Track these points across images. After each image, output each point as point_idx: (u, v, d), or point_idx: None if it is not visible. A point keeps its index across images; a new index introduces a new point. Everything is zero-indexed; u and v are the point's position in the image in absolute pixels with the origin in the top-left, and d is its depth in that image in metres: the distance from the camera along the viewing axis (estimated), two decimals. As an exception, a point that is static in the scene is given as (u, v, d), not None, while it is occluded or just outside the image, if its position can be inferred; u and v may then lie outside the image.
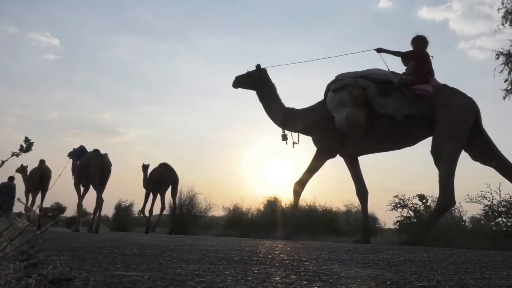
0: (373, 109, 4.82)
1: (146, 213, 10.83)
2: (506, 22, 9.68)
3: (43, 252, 2.29)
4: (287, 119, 5.52)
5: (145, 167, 10.46)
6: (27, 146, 1.15)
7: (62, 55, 44.00)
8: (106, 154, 9.32)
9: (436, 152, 4.69)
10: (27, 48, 42.37)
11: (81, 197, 9.43)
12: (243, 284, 1.34)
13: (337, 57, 5.88)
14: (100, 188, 9.03)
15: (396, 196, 7.41)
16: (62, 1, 44.25)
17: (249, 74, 5.68)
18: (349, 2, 41.64)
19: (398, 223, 7.41)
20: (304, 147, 5.70)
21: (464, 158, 4.89)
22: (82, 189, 9.43)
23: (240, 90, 5.83)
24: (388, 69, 5.20)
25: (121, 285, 1.28)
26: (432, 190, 7.67)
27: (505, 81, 9.71)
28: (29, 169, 11.07)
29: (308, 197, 12.29)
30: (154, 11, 43.92)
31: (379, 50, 5.23)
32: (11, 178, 10.97)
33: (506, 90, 9.73)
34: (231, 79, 5.82)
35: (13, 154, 1.12)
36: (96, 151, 9.22)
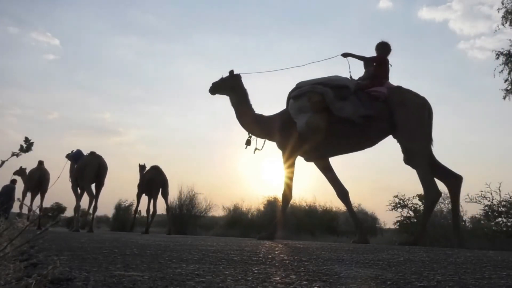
0: (332, 114, 5.07)
1: (144, 213, 10.84)
2: (506, 22, 9.67)
3: (43, 252, 2.29)
4: (255, 125, 5.71)
5: (141, 167, 10.49)
6: (27, 146, 1.15)
7: (62, 55, 44.03)
8: (101, 156, 9.49)
9: (406, 152, 4.95)
10: (27, 48, 42.39)
11: (78, 199, 9.54)
12: (243, 284, 1.34)
13: (318, 62, 6.00)
14: (98, 187, 9.19)
15: (396, 196, 7.43)
16: (63, 1, 44.27)
17: (223, 79, 5.87)
18: (349, 2, 41.66)
19: (398, 223, 7.42)
20: None
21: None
22: (79, 191, 9.57)
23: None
24: (351, 75, 5.45)
25: (121, 285, 1.28)
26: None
27: (505, 81, 9.71)
28: (28, 170, 11.16)
29: (308, 197, 12.31)
30: (154, 11, 43.95)
31: (346, 55, 5.44)
32: (14, 181, 11.10)
33: (506, 90, 9.73)
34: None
35: (13, 154, 1.12)
36: (92, 153, 9.42)
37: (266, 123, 5.71)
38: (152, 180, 10.01)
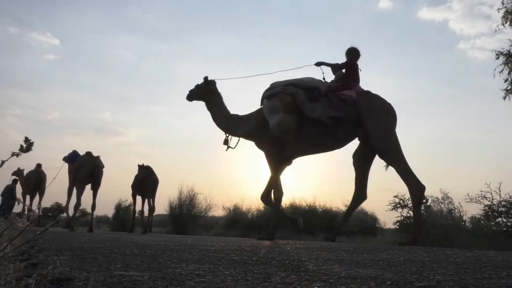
0: (303, 114, 5.24)
1: (146, 212, 10.86)
2: (506, 22, 9.66)
3: (43, 252, 2.29)
4: (231, 125, 5.95)
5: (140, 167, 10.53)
6: (27, 146, 1.15)
7: (62, 55, 43.92)
8: (98, 156, 9.54)
9: (383, 155, 5.19)
10: (27, 48, 42.31)
11: (69, 201, 9.58)
12: (243, 284, 1.34)
13: (290, 70, 6.20)
14: (95, 187, 9.24)
15: (396, 196, 7.42)
16: (63, 1, 44.23)
17: (197, 86, 6.19)
18: (349, 2, 41.61)
19: (398, 223, 7.42)
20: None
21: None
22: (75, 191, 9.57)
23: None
24: (324, 79, 5.63)
25: (121, 285, 1.28)
26: (432, 190, 7.68)
27: (505, 81, 9.70)
28: (27, 171, 11.30)
29: (308, 197, 12.31)
30: (154, 11, 43.89)
31: (319, 64, 5.67)
32: (15, 181, 11.28)
33: (506, 90, 9.72)
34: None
35: (13, 154, 1.12)
36: (88, 153, 9.44)
37: (242, 122, 5.90)
38: (143, 180, 10.12)
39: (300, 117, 5.28)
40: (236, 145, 5.96)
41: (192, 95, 6.23)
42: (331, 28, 41.90)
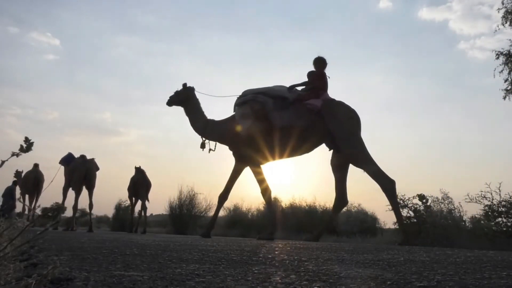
0: (271, 121, 5.62)
1: (141, 213, 10.95)
2: (506, 22, 9.66)
3: (43, 252, 2.29)
4: (207, 129, 6.27)
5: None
6: (27, 146, 1.15)
7: (62, 55, 43.94)
8: (93, 159, 9.88)
9: (351, 159, 5.58)
10: (27, 48, 42.30)
11: (64, 201, 9.99)
12: (243, 284, 1.34)
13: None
14: (89, 190, 9.63)
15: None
16: (63, 1, 44.22)
17: (176, 92, 6.52)
18: (349, 2, 41.61)
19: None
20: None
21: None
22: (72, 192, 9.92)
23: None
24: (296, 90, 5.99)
25: (121, 285, 1.27)
26: (432, 190, 7.69)
27: (505, 81, 9.70)
28: (26, 171, 11.49)
29: (308, 197, 12.30)
30: (155, 11, 43.90)
31: (291, 88, 5.92)
32: (15, 182, 11.57)
33: (506, 90, 9.72)
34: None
35: (13, 154, 1.12)
36: (82, 157, 9.77)
37: (216, 127, 6.24)
38: (136, 183, 10.52)
39: (269, 124, 5.63)
40: (215, 147, 6.29)
41: (172, 101, 6.52)
42: (331, 28, 41.93)
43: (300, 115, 5.61)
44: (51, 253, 2.25)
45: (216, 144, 6.27)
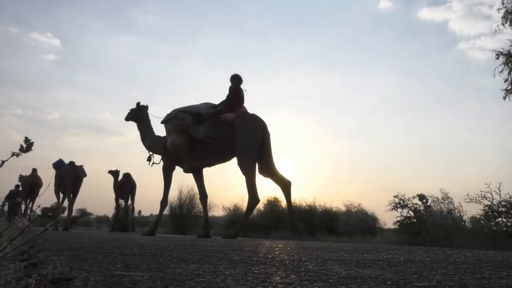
0: (190, 135, 6.51)
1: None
2: (506, 22, 9.65)
3: (43, 252, 2.29)
4: (152, 144, 7.33)
5: (114, 173, 12.06)
6: (27, 146, 1.15)
7: (62, 55, 43.82)
8: (81, 166, 10.84)
9: (240, 165, 6.36)
10: (27, 48, 42.22)
11: (58, 202, 10.77)
12: (243, 284, 1.34)
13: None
14: (74, 194, 10.60)
15: (396, 196, 7.42)
16: (63, 1, 44.17)
17: (132, 110, 7.72)
18: (349, 2, 41.56)
19: (398, 223, 7.41)
20: (307, 150, 5.98)
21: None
22: (61, 196, 11.00)
23: None
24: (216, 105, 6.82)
25: (121, 285, 1.27)
26: (432, 190, 7.68)
27: (505, 81, 9.68)
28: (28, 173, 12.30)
29: (308, 197, 12.30)
30: (155, 12, 43.84)
31: (217, 105, 6.77)
32: (17, 186, 12.71)
33: (506, 90, 9.70)
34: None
35: (13, 154, 1.12)
36: (71, 163, 10.71)
37: (159, 142, 7.19)
38: (122, 186, 11.80)
39: (190, 137, 6.52)
40: (159, 161, 7.17)
41: (128, 117, 7.71)
42: (331, 28, 41.86)
43: (214, 128, 6.46)
44: (51, 253, 2.25)
45: (161, 158, 7.15)
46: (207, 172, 7.14)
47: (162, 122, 6.92)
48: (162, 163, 7.15)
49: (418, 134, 31.46)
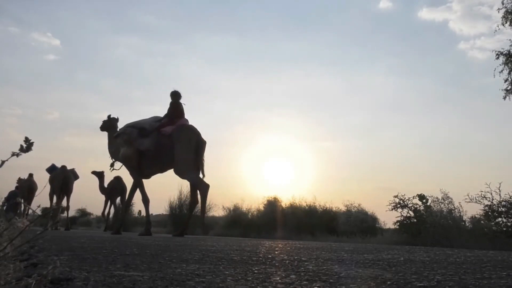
0: (137, 147, 7.48)
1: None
2: (506, 22, 9.64)
3: (43, 252, 2.29)
4: (115, 152, 8.22)
5: (98, 174, 12.47)
6: (27, 146, 1.15)
7: (62, 55, 43.78)
8: (73, 169, 11.71)
9: (177, 172, 7.42)
10: (27, 49, 42.17)
11: (51, 204, 11.64)
12: (243, 284, 1.34)
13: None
14: (66, 196, 11.48)
15: (396, 196, 7.41)
16: (63, 1, 44.14)
17: (103, 121, 8.95)
18: (349, 2, 41.53)
19: (398, 223, 7.41)
20: (307, 150, 5.92)
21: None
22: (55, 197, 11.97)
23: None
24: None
25: (121, 285, 1.27)
26: (432, 190, 7.68)
27: (505, 81, 9.67)
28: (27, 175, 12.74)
29: (308, 197, 12.29)
30: (155, 12, 43.81)
31: (159, 127, 7.66)
32: (17, 188, 13.20)
33: (506, 90, 9.69)
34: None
35: (13, 154, 1.12)
36: (62, 167, 11.54)
37: (118, 152, 7.95)
38: (112, 188, 12.31)
39: (137, 149, 7.49)
40: (120, 167, 8.10)
41: (101, 127, 8.92)
42: (331, 28, 41.83)
43: (154, 141, 7.40)
44: (51, 253, 2.25)
45: (122, 164, 7.98)
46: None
47: (115, 137, 7.93)
48: (122, 168, 8.12)
49: (418, 134, 31.44)
